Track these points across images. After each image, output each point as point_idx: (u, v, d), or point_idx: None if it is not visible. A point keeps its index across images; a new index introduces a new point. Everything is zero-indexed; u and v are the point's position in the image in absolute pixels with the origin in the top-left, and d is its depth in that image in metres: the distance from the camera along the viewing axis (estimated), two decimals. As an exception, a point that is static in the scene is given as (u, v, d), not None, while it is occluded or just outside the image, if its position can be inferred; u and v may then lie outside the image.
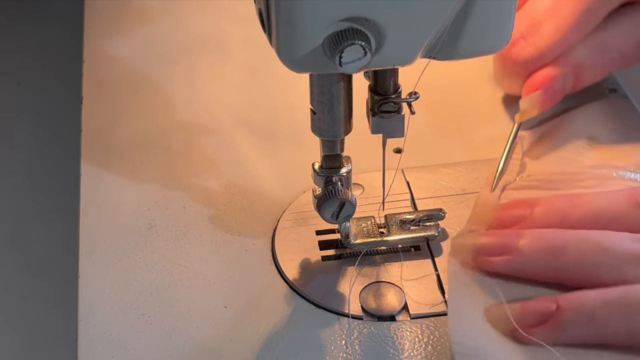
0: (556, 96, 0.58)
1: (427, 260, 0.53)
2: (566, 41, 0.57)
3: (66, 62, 0.81)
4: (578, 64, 0.58)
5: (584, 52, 0.58)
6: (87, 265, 0.54)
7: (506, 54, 0.57)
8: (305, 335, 0.49)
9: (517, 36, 0.56)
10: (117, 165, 0.60)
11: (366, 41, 0.40)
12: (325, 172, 0.49)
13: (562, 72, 0.57)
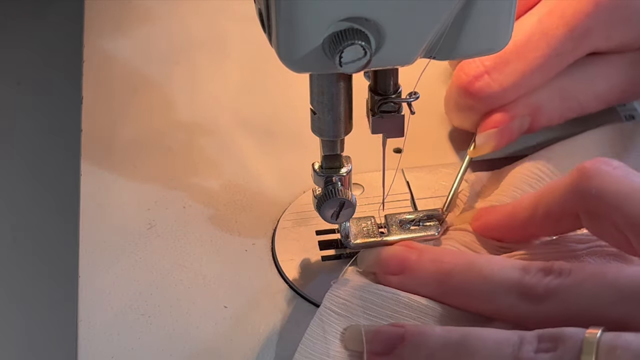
0: (512, 136, 0.58)
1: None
2: (530, 83, 0.56)
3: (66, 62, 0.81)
4: (537, 107, 0.58)
5: (545, 96, 0.57)
6: (87, 265, 0.54)
7: (467, 87, 0.56)
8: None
9: (482, 71, 0.55)
10: (117, 165, 0.60)
11: (366, 41, 0.40)
12: (325, 172, 0.49)
13: (521, 113, 0.57)
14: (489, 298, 0.46)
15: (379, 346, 0.46)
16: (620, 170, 0.46)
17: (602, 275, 0.43)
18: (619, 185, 0.45)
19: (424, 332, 0.45)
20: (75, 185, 0.59)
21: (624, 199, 0.45)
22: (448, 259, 0.48)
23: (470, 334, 0.44)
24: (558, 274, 0.44)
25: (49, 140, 0.79)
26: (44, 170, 0.78)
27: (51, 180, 0.76)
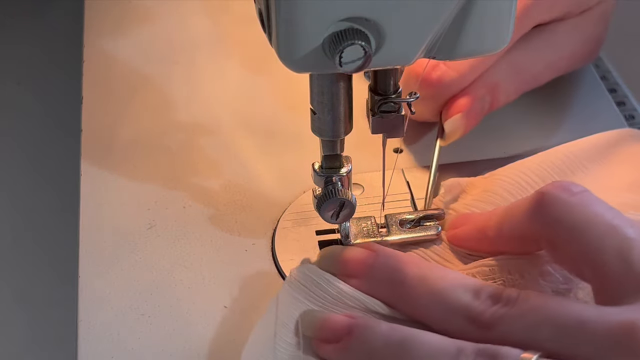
0: (477, 117, 0.58)
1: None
2: (484, 63, 0.57)
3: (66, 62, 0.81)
4: (494, 85, 0.58)
5: (499, 74, 0.58)
6: (87, 265, 0.54)
7: (426, 78, 0.56)
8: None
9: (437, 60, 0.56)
10: (117, 165, 0.60)
11: (366, 41, 0.40)
12: (325, 172, 0.49)
13: (481, 93, 0.58)
14: (437, 316, 0.46)
15: (327, 334, 0.46)
16: (578, 198, 0.45)
17: (545, 309, 0.43)
18: (574, 214, 0.45)
19: (370, 327, 0.45)
20: (75, 185, 0.59)
21: (578, 230, 0.44)
22: (403, 268, 0.48)
23: (412, 337, 0.44)
24: (505, 302, 0.44)
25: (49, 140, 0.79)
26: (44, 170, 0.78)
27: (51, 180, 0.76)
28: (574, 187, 0.46)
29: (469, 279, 0.47)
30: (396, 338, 0.44)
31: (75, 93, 0.67)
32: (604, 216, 0.44)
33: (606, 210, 0.45)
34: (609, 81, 0.68)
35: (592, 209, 0.45)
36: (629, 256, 0.43)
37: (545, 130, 0.63)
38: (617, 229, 0.44)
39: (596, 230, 0.44)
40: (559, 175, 0.54)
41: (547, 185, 0.46)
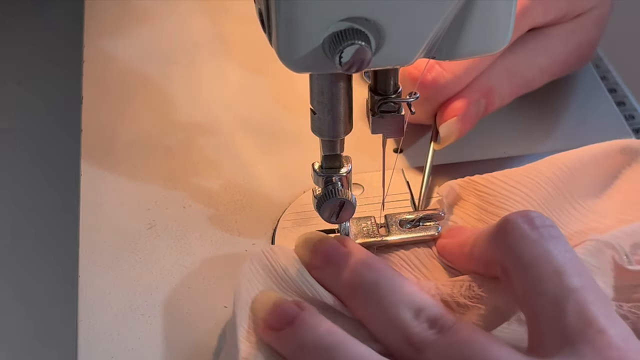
0: (472, 121, 0.58)
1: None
2: (479, 66, 0.57)
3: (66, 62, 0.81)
4: (489, 89, 0.58)
5: (494, 77, 0.58)
6: (87, 265, 0.54)
7: (422, 81, 0.56)
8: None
9: (432, 62, 0.55)
10: (117, 165, 0.60)
11: (366, 41, 0.40)
12: (325, 172, 0.49)
13: (476, 97, 0.58)
14: (378, 327, 0.46)
15: (273, 319, 0.46)
16: (537, 232, 0.44)
17: (468, 346, 0.43)
18: (528, 250, 0.44)
19: (310, 324, 0.45)
20: (75, 185, 0.59)
21: (526, 267, 0.44)
22: (362, 272, 0.48)
23: (341, 346, 0.44)
24: (439, 329, 0.44)
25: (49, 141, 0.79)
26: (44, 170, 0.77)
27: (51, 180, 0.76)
28: (538, 220, 0.45)
29: (418, 296, 0.46)
30: (327, 342, 0.44)
31: (75, 93, 0.67)
32: (555, 258, 0.43)
33: (561, 252, 0.44)
34: (609, 81, 0.68)
35: (547, 248, 0.44)
36: (563, 307, 0.42)
37: (545, 130, 0.63)
38: (561, 276, 0.43)
39: (542, 272, 0.43)
40: (552, 187, 0.53)
41: (514, 213, 0.46)
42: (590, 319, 0.41)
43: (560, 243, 0.44)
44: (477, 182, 0.54)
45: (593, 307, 0.42)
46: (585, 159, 0.54)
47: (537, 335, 0.43)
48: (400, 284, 0.47)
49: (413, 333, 0.44)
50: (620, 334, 0.41)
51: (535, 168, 0.54)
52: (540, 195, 0.53)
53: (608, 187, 0.55)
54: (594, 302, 0.42)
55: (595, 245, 0.49)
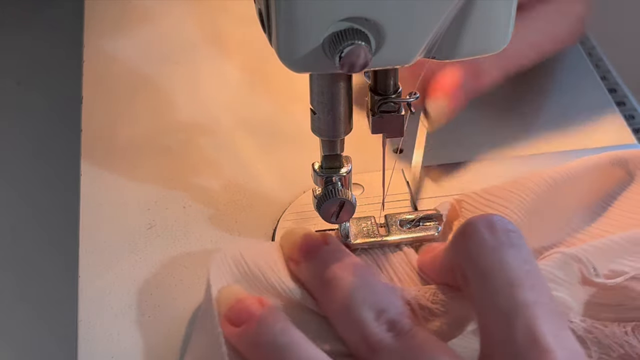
0: (462, 102, 0.57)
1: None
2: None
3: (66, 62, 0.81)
4: (477, 68, 0.57)
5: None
6: (87, 265, 0.54)
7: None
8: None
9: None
10: (117, 165, 0.60)
11: (366, 41, 0.40)
12: (325, 172, 0.49)
13: (464, 77, 0.57)
14: (341, 324, 0.46)
15: (233, 315, 0.46)
16: (496, 238, 0.43)
17: (421, 351, 0.43)
18: (484, 257, 0.43)
19: (266, 323, 0.45)
20: (75, 185, 0.59)
21: (481, 276, 0.43)
22: (335, 268, 0.48)
23: (293, 346, 0.44)
24: (397, 332, 0.44)
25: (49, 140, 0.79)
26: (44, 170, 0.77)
27: (51, 180, 0.76)
28: (499, 224, 0.44)
29: (384, 298, 0.46)
30: (281, 342, 0.44)
31: (75, 93, 0.67)
32: (510, 270, 0.42)
33: (518, 262, 0.43)
34: (609, 81, 0.68)
35: (503, 257, 0.43)
36: (512, 323, 0.41)
37: (545, 130, 0.63)
38: (514, 289, 0.42)
39: (496, 283, 0.42)
40: (536, 201, 0.52)
41: (477, 217, 0.45)
42: (537, 337, 0.40)
43: (519, 251, 0.43)
44: (463, 201, 0.54)
45: (542, 325, 0.40)
46: (572, 172, 0.54)
47: (487, 347, 0.42)
48: (369, 284, 0.47)
49: (371, 333, 0.44)
50: (566, 355, 0.40)
51: (519, 182, 0.53)
52: (522, 209, 0.52)
53: (600, 203, 0.55)
54: (543, 319, 0.41)
55: (561, 257, 0.49)
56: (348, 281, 0.47)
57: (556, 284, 0.48)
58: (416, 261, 0.51)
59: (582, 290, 0.49)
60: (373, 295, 0.46)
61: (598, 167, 0.54)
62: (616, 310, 0.48)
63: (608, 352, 0.46)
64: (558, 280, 0.48)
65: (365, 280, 0.47)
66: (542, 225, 0.52)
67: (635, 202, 0.54)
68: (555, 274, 0.48)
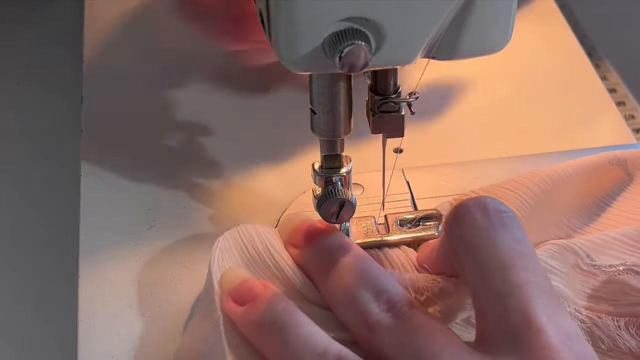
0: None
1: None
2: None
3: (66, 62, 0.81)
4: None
5: None
6: (87, 265, 0.54)
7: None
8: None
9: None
10: (117, 165, 0.60)
11: (366, 41, 0.40)
12: (325, 172, 0.49)
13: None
14: (340, 307, 0.46)
15: (237, 295, 0.46)
16: (489, 220, 0.43)
17: (417, 334, 0.42)
18: (477, 240, 0.43)
19: (268, 302, 0.45)
20: (75, 185, 0.59)
21: (474, 258, 0.43)
22: (335, 253, 0.48)
23: (294, 324, 0.44)
24: (395, 313, 0.44)
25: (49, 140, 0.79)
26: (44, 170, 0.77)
27: (51, 180, 0.76)
28: (492, 205, 0.44)
29: (383, 279, 0.46)
30: (282, 321, 0.44)
31: (75, 93, 0.67)
32: (502, 250, 0.42)
33: (510, 243, 0.42)
34: (609, 81, 0.68)
35: (497, 239, 0.43)
36: (506, 303, 0.41)
37: (545, 130, 0.63)
38: (507, 270, 0.42)
39: (489, 265, 0.42)
40: (533, 200, 0.52)
41: (468, 200, 0.45)
42: (529, 317, 0.40)
43: (511, 232, 0.43)
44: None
45: (535, 305, 0.40)
46: (571, 171, 0.54)
47: (482, 329, 0.42)
48: (368, 267, 0.47)
49: (370, 313, 0.44)
50: (560, 335, 0.40)
51: (518, 182, 0.53)
52: (522, 209, 0.52)
53: (598, 203, 0.55)
54: (536, 299, 0.41)
55: (554, 247, 0.49)
56: (348, 264, 0.47)
57: (551, 273, 0.48)
58: (415, 258, 0.52)
59: (578, 280, 0.49)
60: (372, 277, 0.46)
61: (597, 166, 0.54)
62: (611, 304, 0.48)
63: (598, 343, 0.47)
64: (552, 270, 0.48)
65: (365, 263, 0.47)
66: (541, 224, 0.52)
67: (634, 203, 0.54)
68: (550, 264, 0.48)
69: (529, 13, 0.72)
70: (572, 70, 0.68)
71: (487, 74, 0.67)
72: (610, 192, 0.55)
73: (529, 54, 0.69)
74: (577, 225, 0.53)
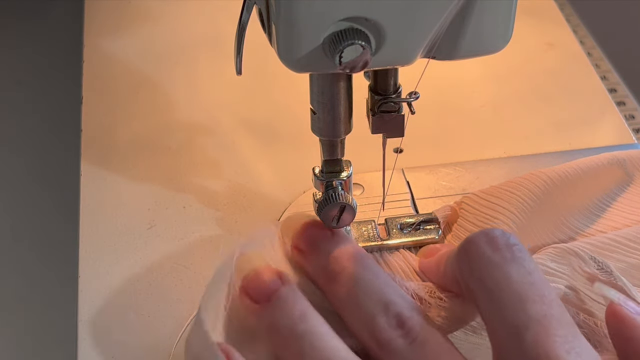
0: None
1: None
2: None
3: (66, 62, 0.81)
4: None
5: None
6: (87, 265, 0.54)
7: None
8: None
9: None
10: (117, 165, 0.60)
11: (366, 41, 0.40)
12: (325, 176, 0.49)
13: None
14: (349, 317, 0.46)
15: (252, 290, 0.46)
16: (500, 255, 0.43)
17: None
18: (489, 275, 0.43)
19: (286, 305, 0.44)
20: (75, 185, 0.59)
21: (487, 293, 0.42)
22: (342, 260, 0.47)
23: (312, 335, 0.43)
24: (406, 332, 0.44)
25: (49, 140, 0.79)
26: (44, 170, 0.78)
27: (51, 180, 0.76)
28: (501, 240, 0.44)
29: (392, 290, 0.46)
30: (300, 330, 0.43)
31: (75, 93, 0.67)
32: (515, 283, 0.42)
33: (522, 275, 0.42)
34: (609, 81, 0.68)
35: (508, 272, 0.42)
36: (523, 337, 0.40)
37: (545, 130, 0.63)
38: (522, 304, 0.41)
39: (503, 298, 0.42)
40: (533, 201, 0.52)
41: (477, 233, 0.45)
42: (547, 352, 0.40)
43: (523, 265, 0.43)
44: (463, 202, 0.54)
45: (553, 340, 0.40)
46: (571, 172, 0.54)
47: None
48: (375, 276, 0.47)
49: (378, 328, 0.44)
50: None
51: (518, 182, 0.53)
52: (522, 210, 0.52)
53: (598, 204, 0.55)
54: (554, 334, 0.40)
55: (556, 251, 0.49)
56: (354, 273, 0.46)
57: (551, 275, 0.48)
58: (417, 263, 0.51)
59: (580, 283, 0.49)
60: (380, 287, 0.46)
61: (596, 167, 0.54)
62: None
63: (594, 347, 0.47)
64: (553, 273, 0.48)
65: (372, 271, 0.47)
66: (541, 225, 0.52)
67: (634, 203, 0.54)
68: (548, 266, 0.48)
69: (529, 13, 0.72)
70: (572, 70, 0.68)
71: (487, 74, 0.67)
72: (610, 193, 0.55)
73: (529, 54, 0.69)
74: (577, 226, 0.53)
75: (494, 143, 0.62)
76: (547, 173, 0.53)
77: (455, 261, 0.46)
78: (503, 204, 0.52)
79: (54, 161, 0.77)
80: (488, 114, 0.64)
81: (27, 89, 0.83)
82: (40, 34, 0.87)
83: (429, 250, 0.52)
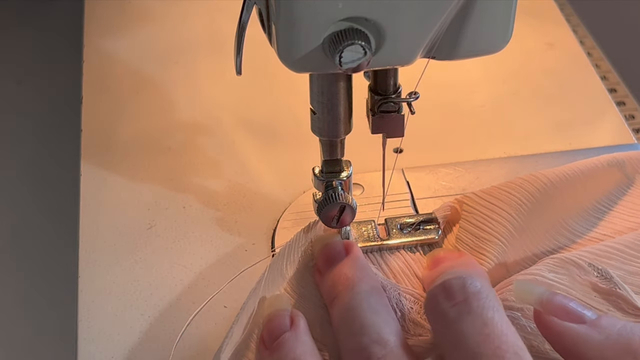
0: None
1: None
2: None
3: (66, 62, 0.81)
4: None
5: None
6: (87, 265, 0.54)
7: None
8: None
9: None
10: (117, 165, 0.60)
11: (366, 41, 0.40)
12: (325, 176, 0.49)
13: None
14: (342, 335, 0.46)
15: (267, 335, 0.46)
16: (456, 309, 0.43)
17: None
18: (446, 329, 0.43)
19: (287, 346, 0.45)
20: (75, 185, 0.59)
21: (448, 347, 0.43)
22: (341, 284, 0.48)
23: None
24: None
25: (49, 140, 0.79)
26: (44, 170, 0.78)
27: (51, 180, 0.76)
28: (459, 293, 0.44)
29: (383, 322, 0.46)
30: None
31: (75, 93, 0.67)
32: (471, 339, 0.42)
33: (479, 328, 0.42)
34: (609, 81, 0.68)
35: (463, 329, 0.43)
36: None
37: (545, 130, 0.63)
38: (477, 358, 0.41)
39: (460, 355, 0.42)
40: (532, 203, 0.52)
41: (435, 287, 0.45)
42: None
43: (480, 315, 0.43)
44: (462, 202, 0.54)
45: None
46: (570, 173, 0.54)
47: None
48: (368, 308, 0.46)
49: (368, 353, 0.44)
50: None
51: (518, 183, 0.53)
52: (521, 211, 0.52)
53: (597, 205, 0.55)
54: None
55: (554, 261, 0.49)
56: (349, 303, 0.46)
57: (551, 287, 0.48)
58: (417, 265, 0.52)
59: (580, 291, 0.49)
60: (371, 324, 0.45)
61: (595, 169, 0.54)
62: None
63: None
64: (551, 283, 0.48)
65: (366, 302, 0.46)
66: (540, 227, 0.52)
67: (633, 206, 0.54)
68: (546, 277, 0.48)
69: (529, 13, 0.72)
70: (572, 70, 0.68)
71: (487, 74, 0.67)
72: (609, 195, 0.55)
73: (529, 54, 0.69)
74: (576, 228, 0.53)
75: (494, 143, 0.62)
76: (545, 175, 0.53)
77: (425, 310, 0.47)
78: (501, 205, 0.52)
79: (54, 161, 0.78)
80: (488, 114, 0.64)
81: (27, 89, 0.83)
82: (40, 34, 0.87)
83: (435, 259, 0.51)
